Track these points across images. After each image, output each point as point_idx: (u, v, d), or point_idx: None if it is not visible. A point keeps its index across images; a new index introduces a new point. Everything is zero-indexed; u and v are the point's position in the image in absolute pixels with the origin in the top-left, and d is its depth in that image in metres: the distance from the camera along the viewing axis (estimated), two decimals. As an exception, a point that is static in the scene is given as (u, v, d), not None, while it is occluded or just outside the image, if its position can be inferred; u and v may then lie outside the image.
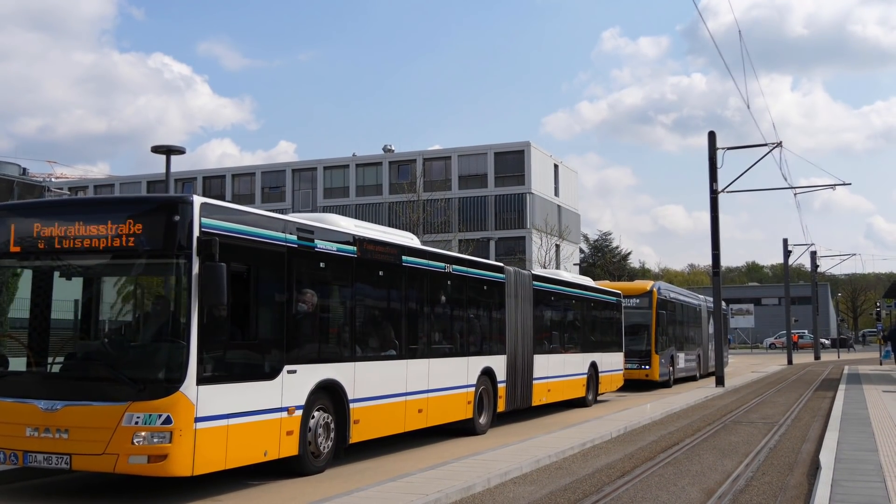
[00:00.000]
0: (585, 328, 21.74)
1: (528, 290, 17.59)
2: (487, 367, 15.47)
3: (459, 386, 14.54)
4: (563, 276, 21.59)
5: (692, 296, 35.98)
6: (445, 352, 14.34)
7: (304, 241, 10.52)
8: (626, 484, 10.24)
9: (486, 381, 15.47)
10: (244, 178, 72.48)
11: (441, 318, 14.43)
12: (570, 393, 19.96)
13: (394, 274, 12.84)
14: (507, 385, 16.27)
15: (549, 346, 18.92)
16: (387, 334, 12.73)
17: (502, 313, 16.29)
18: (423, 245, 14.75)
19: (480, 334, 15.70)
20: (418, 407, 13.12)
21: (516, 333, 16.71)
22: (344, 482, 10.05)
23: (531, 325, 17.52)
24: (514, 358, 16.53)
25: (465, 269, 15.15)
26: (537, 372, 17.75)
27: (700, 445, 13.96)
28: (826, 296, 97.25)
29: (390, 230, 14.04)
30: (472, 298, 15.33)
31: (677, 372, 30.34)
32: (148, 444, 8.39)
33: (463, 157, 65.73)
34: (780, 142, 30.73)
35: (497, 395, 15.77)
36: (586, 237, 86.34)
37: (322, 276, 11.10)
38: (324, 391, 10.74)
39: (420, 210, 41.42)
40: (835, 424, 15.29)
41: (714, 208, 29.66)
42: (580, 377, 20.68)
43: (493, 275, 16.19)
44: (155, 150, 18.71)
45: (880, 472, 10.16)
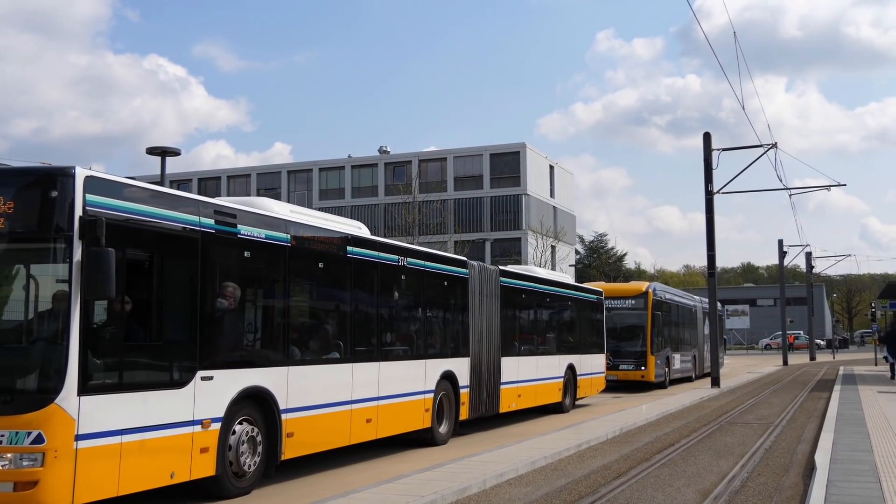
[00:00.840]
0: (562, 328, 20.70)
1: (496, 287, 16.32)
2: (448, 370, 14.23)
3: (416, 392, 13.27)
4: (536, 272, 20.05)
5: (688, 297, 36.02)
6: (399, 354, 13.10)
7: (225, 226, 9.18)
8: (621, 485, 10.24)
9: (447, 387, 14.21)
10: (240, 180, 72.43)
11: (394, 317, 13.11)
12: (543, 398, 18.75)
13: (337, 266, 11.52)
14: (471, 390, 15.07)
15: (520, 348, 17.71)
16: (328, 335, 11.41)
17: (465, 312, 15.06)
18: (381, 238, 13.60)
19: (440, 335, 14.53)
20: (366, 416, 11.76)
21: (481, 334, 15.50)
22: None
23: (499, 324, 16.26)
24: (478, 361, 15.32)
25: (422, 262, 13.79)
26: (506, 376, 16.50)
27: (696, 446, 13.96)
28: (821, 297, 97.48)
29: (336, 218, 12.54)
30: (430, 295, 14.16)
31: (673, 373, 30.38)
32: (14, 469, 6.97)
33: (459, 159, 65.77)
34: (775, 143, 30.81)
35: (459, 402, 14.55)
36: (582, 238, 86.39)
37: (248, 267, 9.78)
38: (249, 401, 9.40)
39: (416, 211, 41.40)
40: (830, 425, 15.30)
41: (709, 209, 29.70)
42: (555, 381, 19.43)
43: (454, 269, 14.91)
44: (150, 151, 18.64)
45: (875, 472, 10.16)
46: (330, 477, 10.74)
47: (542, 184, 66.62)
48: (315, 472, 11.08)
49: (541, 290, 19.13)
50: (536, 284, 18.95)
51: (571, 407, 20.35)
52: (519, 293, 17.79)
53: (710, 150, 29.80)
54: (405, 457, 12.55)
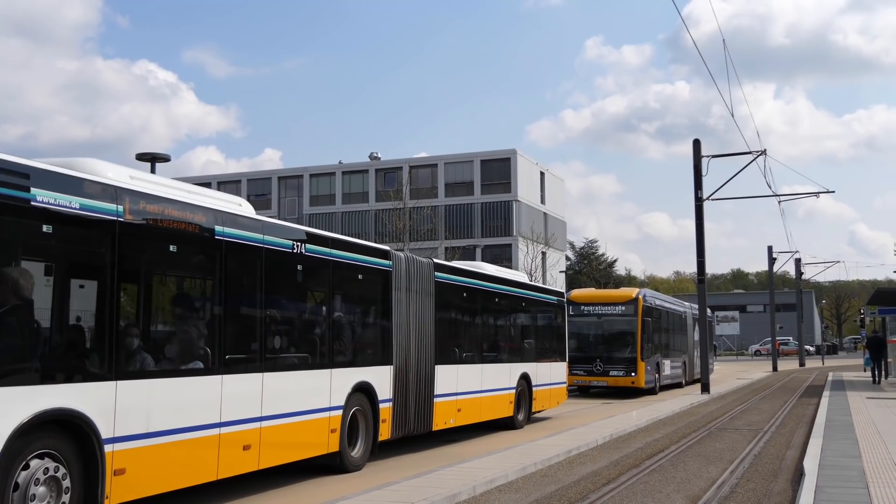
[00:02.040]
0: (515, 333, 18.63)
1: (429, 284, 14.12)
2: (363, 382, 11.90)
3: (317, 409, 10.83)
4: (483, 268, 17.50)
5: (678, 303, 36.12)
6: (293, 363, 10.63)
7: (11, 188, 6.81)
8: (611, 491, 10.25)
9: (362, 401, 11.89)
10: (230, 186, 72.25)
11: (286, 317, 10.79)
12: (490, 412, 16.50)
13: (198, 251, 9.19)
14: (395, 405, 12.78)
15: (461, 355, 15.53)
16: (184, 339, 8.97)
17: (388, 312, 12.82)
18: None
19: (353, 339, 12.16)
20: (243, 442, 9.29)
21: (410, 338, 13.33)
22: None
23: (433, 327, 14.04)
24: (405, 370, 13.11)
25: (326, 250, 11.29)
26: (442, 387, 14.25)
27: (685, 452, 13.99)
28: (811, 303, 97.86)
29: (208, 192, 9.95)
30: (340, 291, 11.89)
31: (663, 379, 30.44)
32: None
33: (449, 165, 65.83)
34: (764, 150, 30.97)
35: (378, 419, 12.19)
36: (572, 245, 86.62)
37: (51, 246, 7.35)
38: (53, 428, 7.08)
39: (406, 218, 41.40)
40: (819, 431, 15.36)
41: (699, 216, 29.82)
42: (506, 392, 17.20)
43: (372, 261, 12.52)
44: (140, 157, 18.68)
45: (863, 478, 10.21)
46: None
47: (532, 190, 66.72)
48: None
49: (488, 289, 16.90)
50: (482, 282, 16.65)
51: (526, 422, 18.30)
52: (459, 291, 15.62)
53: (699, 157, 29.93)
54: (302, 488, 10.46)
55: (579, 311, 29.08)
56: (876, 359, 33.17)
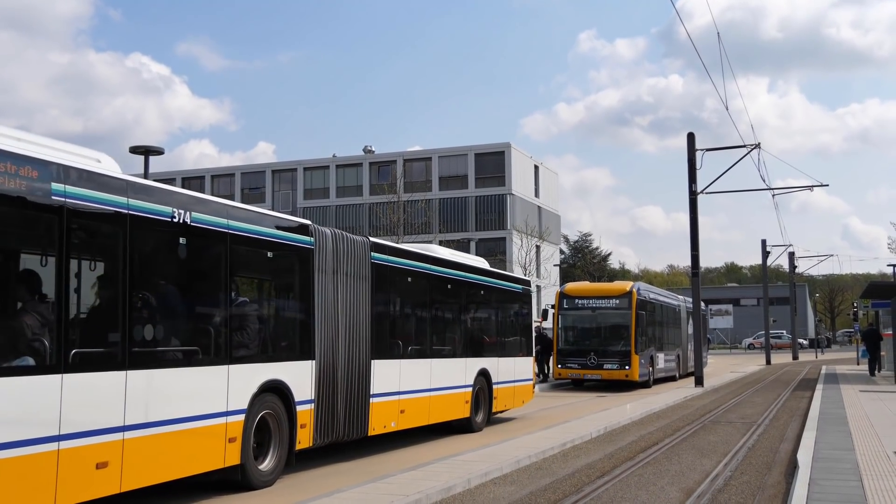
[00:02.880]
0: (473, 324, 16.71)
1: (364, 266, 12.29)
2: (274, 380, 10.10)
3: (209, 415, 8.98)
4: (435, 251, 15.71)
5: (671, 296, 36.18)
6: (172, 358, 8.71)
7: None
8: (605, 484, 10.27)
9: (274, 403, 10.11)
10: (224, 179, 72.20)
11: (163, 303, 8.64)
12: (442, 413, 14.77)
13: (28, 216, 7.25)
14: (319, 407, 11.00)
15: (406, 349, 13.79)
16: (12, 328, 7.04)
17: (309, 298, 10.97)
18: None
19: (260, 330, 10.23)
20: (96, 459, 7.48)
21: (338, 329, 11.49)
22: None
23: (368, 317, 12.25)
24: (331, 366, 11.30)
25: (220, 221, 9.31)
26: (380, 385, 12.53)
27: (679, 445, 14.02)
28: (804, 296, 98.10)
29: (53, 143, 7.94)
30: (242, 272, 10.26)
31: (657, 372, 30.50)
32: None
33: (443, 159, 65.83)
34: (758, 143, 30.98)
35: (295, 424, 10.41)
36: (566, 238, 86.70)
37: None
38: None
39: (400, 211, 41.37)
40: (812, 424, 15.41)
41: (693, 209, 29.84)
42: (460, 391, 15.50)
43: (286, 236, 10.59)
44: (133, 150, 18.63)
45: (857, 471, 10.24)
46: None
47: (526, 184, 66.73)
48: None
49: (440, 275, 15.06)
50: (432, 266, 14.83)
51: (485, 423, 16.51)
52: (403, 276, 13.78)
53: (694, 151, 29.94)
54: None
55: (573, 305, 29.14)
56: (872, 351, 33.63)
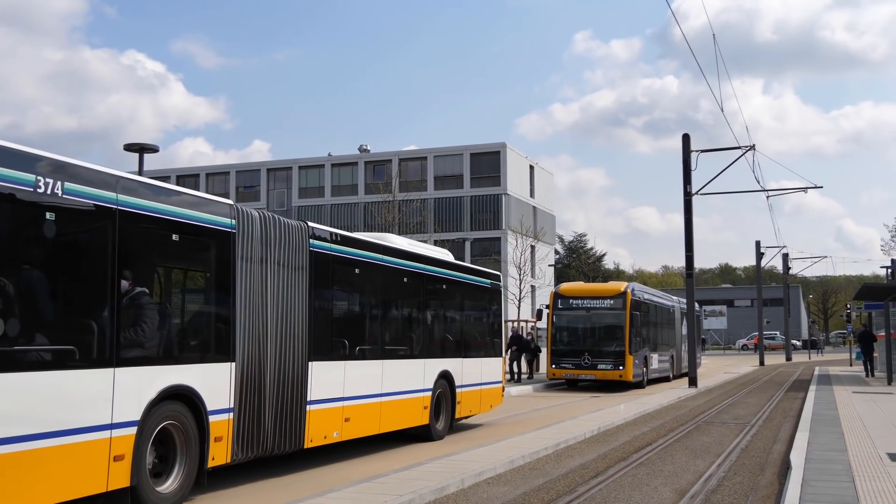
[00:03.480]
0: (433, 322, 15.17)
1: (301, 255, 10.84)
2: (178, 386, 8.61)
3: (83, 429, 7.44)
4: (389, 240, 14.20)
5: (666, 297, 36.23)
6: (37, 360, 7.11)
7: None
8: (599, 484, 10.28)
9: (179, 413, 8.66)
10: (218, 178, 72.07)
11: (23, 293, 7.02)
12: (396, 421, 13.45)
13: None
14: (240, 416, 9.54)
15: (351, 349, 12.30)
16: None
17: (227, 290, 9.52)
18: None
19: (160, 326, 8.54)
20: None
21: (265, 326, 10.04)
22: None
23: (305, 312, 10.80)
24: (257, 368, 9.85)
25: (106, 195, 7.80)
26: (320, 391, 11.11)
27: (673, 446, 14.04)
28: (798, 297, 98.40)
29: None
30: (135, 258, 8.24)
31: (651, 373, 30.55)
32: None
33: (439, 158, 65.81)
34: (753, 145, 31.04)
35: (207, 437, 8.95)
36: (561, 238, 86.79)
37: None
38: None
39: (395, 210, 41.31)
40: (805, 425, 15.43)
41: (688, 210, 29.86)
42: (419, 395, 14.16)
43: (196, 216, 9.05)
44: (127, 148, 18.53)
45: (849, 472, 10.26)
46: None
47: (521, 184, 66.75)
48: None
49: (394, 266, 13.58)
50: (384, 256, 13.33)
51: (447, 431, 15.23)
52: (350, 267, 12.29)
53: (689, 152, 29.96)
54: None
55: (568, 305, 29.17)
56: (867, 352, 33.92)
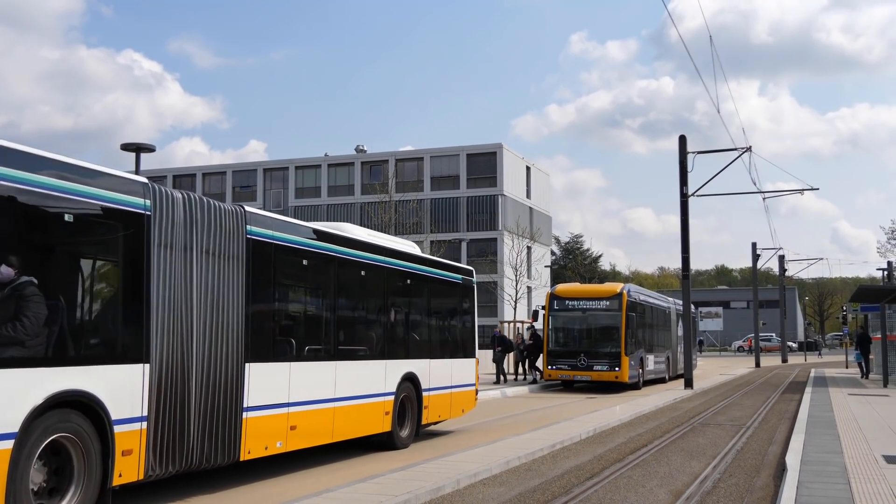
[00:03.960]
0: (396, 320, 13.88)
1: (236, 243, 9.61)
2: (72, 391, 7.43)
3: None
4: (345, 230, 12.85)
5: (662, 298, 36.25)
6: None
7: None
8: (594, 485, 10.28)
9: (75, 424, 7.49)
10: (215, 178, 72.06)
11: None
12: (352, 428, 12.21)
13: None
14: (157, 426, 8.34)
15: (300, 349, 11.09)
16: None
17: (140, 280, 8.29)
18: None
19: (51, 322, 7.31)
20: None
21: (191, 323, 8.86)
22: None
23: (242, 308, 9.61)
24: (178, 370, 8.68)
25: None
26: (260, 395, 9.89)
27: (668, 447, 14.04)
28: (794, 299, 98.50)
29: None
30: (19, 240, 7.22)
31: (646, 374, 30.55)
32: None
33: (435, 159, 65.83)
34: (749, 146, 31.04)
35: (112, 452, 7.76)
36: (557, 239, 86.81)
37: None
38: None
39: (392, 211, 41.31)
40: (801, 427, 15.45)
41: (684, 212, 29.88)
42: (379, 400, 12.91)
43: (98, 194, 7.82)
44: (124, 147, 18.56)
45: (845, 473, 10.27)
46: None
47: (518, 184, 66.79)
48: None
49: (350, 258, 12.28)
50: (338, 247, 11.99)
51: (412, 439, 14.05)
52: (297, 258, 11.09)
53: (685, 153, 29.98)
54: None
55: (564, 306, 29.17)
56: (864, 354, 34.28)
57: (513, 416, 19.14)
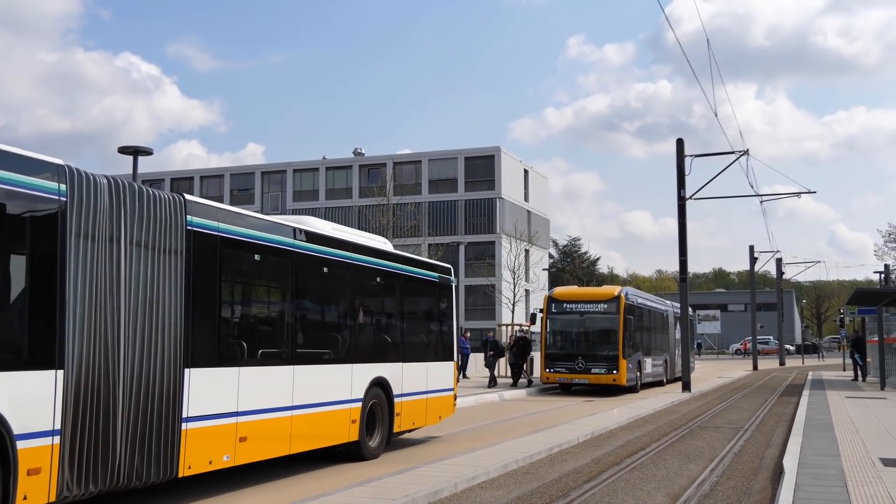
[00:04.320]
0: (364, 321, 12.89)
1: (174, 236, 8.72)
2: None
3: None
4: (305, 223, 11.79)
5: (659, 301, 36.28)
6: None
7: None
8: (592, 489, 10.28)
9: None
10: (212, 181, 72.08)
11: None
12: (312, 438, 11.21)
13: None
14: (73, 441, 7.40)
15: (251, 352, 10.09)
16: None
17: (52, 275, 7.33)
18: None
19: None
20: None
21: (117, 324, 7.96)
22: None
23: (181, 307, 8.73)
24: (101, 377, 7.72)
25: None
26: (202, 404, 9.02)
27: (666, 450, 14.05)
28: (791, 302, 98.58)
29: None
30: None
31: (644, 377, 30.56)
32: None
33: (433, 162, 65.91)
34: (747, 150, 31.09)
35: (14, 473, 6.81)
36: (555, 242, 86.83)
37: None
38: None
39: (390, 214, 41.34)
40: (798, 430, 15.46)
41: (682, 215, 29.90)
42: (344, 407, 11.86)
43: (7, 178, 6.94)
44: (122, 150, 18.53)
45: (842, 476, 10.28)
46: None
47: (516, 187, 66.86)
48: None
49: (307, 254, 11.22)
50: (294, 241, 10.98)
51: (382, 448, 12.98)
52: (247, 253, 10.20)
53: (682, 157, 30.01)
54: None
55: (562, 309, 29.18)
56: (861, 357, 35.06)
57: (510, 420, 19.14)
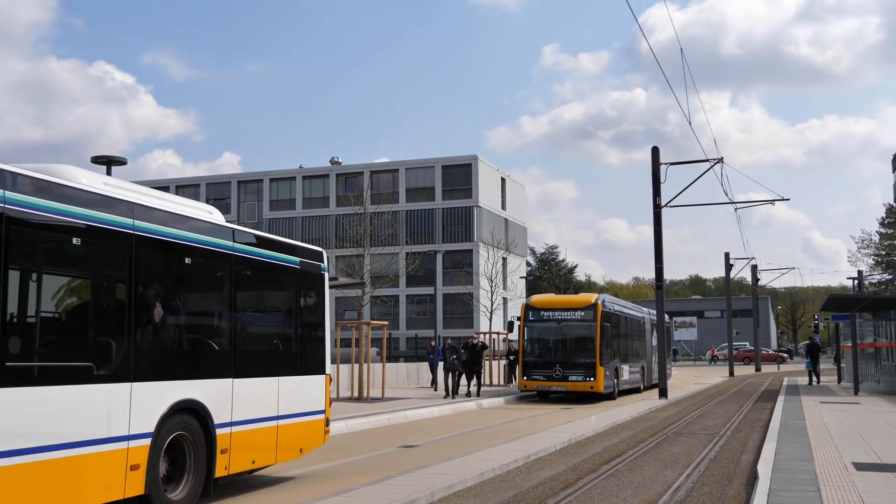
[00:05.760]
0: (161, 320, 8.95)
1: None
2: None
3: None
4: (68, 175, 8.17)
5: (636, 308, 36.46)
6: None
7: None
8: (569, 496, 10.30)
9: None
10: (188, 190, 71.62)
11: None
12: (42, 501, 7.12)
13: None
14: None
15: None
16: None
17: None
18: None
19: None
20: None
21: None
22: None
23: None
24: None
25: None
26: None
27: (642, 457, 14.10)
28: (767, 309, 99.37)
29: None
30: None
31: (621, 384, 30.67)
32: None
33: (410, 170, 65.95)
34: (721, 158, 31.33)
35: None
36: (533, 251, 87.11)
37: None
38: None
39: (367, 223, 41.29)
40: (773, 435, 15.58)
41: (657, 222, 30.09)
42: (113, 448, 7.99)
43: None
44: (95, 160, 18.40)
45: (815, 481, 10.37)
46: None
47: (493, 196, 67.01)
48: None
49: (43, 217, 7.41)
50: (42, 202, 7.36)
51: (195, 500, 9.27)
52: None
53: (658, 165, 30.22)
54: None
55: (539, 317, 29.24)
56: (815, 362, 36.80)
57: (488, 428, 19.14)
